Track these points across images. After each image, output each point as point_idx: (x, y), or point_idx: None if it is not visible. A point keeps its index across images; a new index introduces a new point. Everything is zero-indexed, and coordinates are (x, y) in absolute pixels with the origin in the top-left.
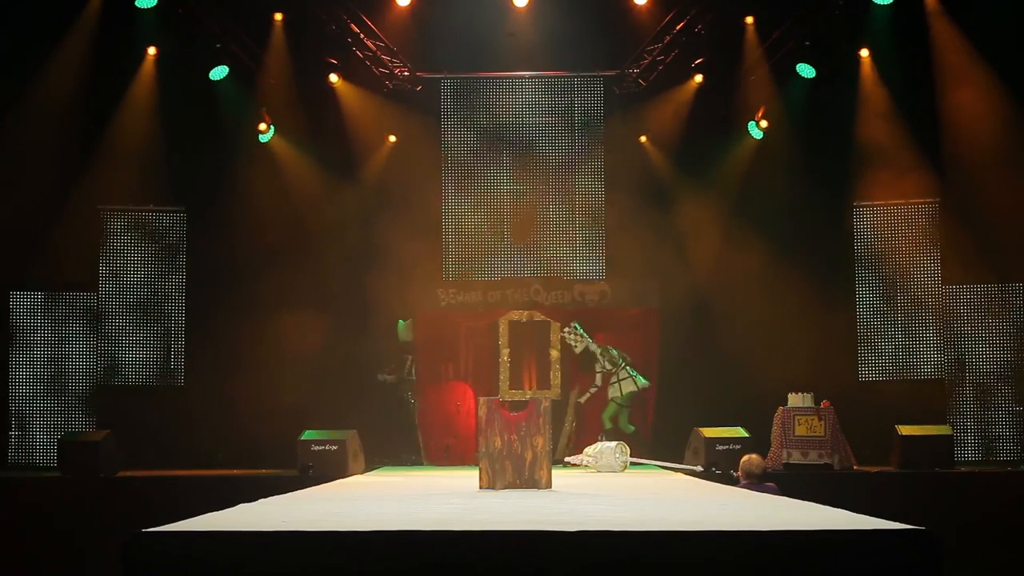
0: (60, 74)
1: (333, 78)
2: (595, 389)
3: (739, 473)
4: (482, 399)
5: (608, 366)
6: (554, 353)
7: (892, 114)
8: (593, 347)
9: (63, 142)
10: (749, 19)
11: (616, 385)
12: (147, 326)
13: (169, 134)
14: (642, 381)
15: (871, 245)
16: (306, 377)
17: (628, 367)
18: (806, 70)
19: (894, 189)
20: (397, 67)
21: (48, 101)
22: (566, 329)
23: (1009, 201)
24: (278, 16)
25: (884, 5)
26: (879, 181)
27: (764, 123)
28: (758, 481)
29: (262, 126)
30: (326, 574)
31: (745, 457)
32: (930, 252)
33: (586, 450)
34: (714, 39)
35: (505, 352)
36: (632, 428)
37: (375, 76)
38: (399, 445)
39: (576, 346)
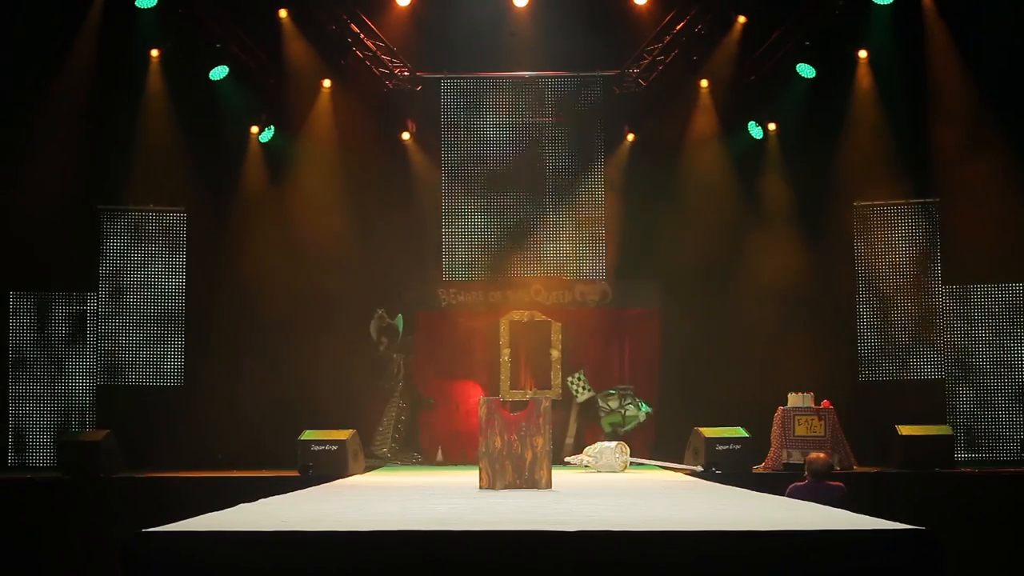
0: (61, 75)
1: (328, 81)
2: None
3: (804, 470)
4: (482, 399)
5: (611, 407)
6: (555, 353)
7: (891, 114)
8: (594, 396)
9: (64, 142)
10: (745, 19)
11: (622, 407)
12: (147, 326)
13: (169, 134)
14: (645, 409)
15: (871, 245)
16: (306, 377)
17: (631, 396)
18: (806, 70)
19: (894, 189)
20: (397, 67)
21: (48, 102)
22: (571, 377)
23: (1007, 201)
24: (283, 12)
25: (884, 5)
26: (879, 181)
27: (772, 125)
28: (824, 480)
29: (257, 127)
30: (326, 574)
31: (812, 455)
32: (930, 252)
33: (586, 450)
34: (714, 39)
35: (506, 352)
36: (609, 431)
37: (375, 76)
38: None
39: (579, 396)
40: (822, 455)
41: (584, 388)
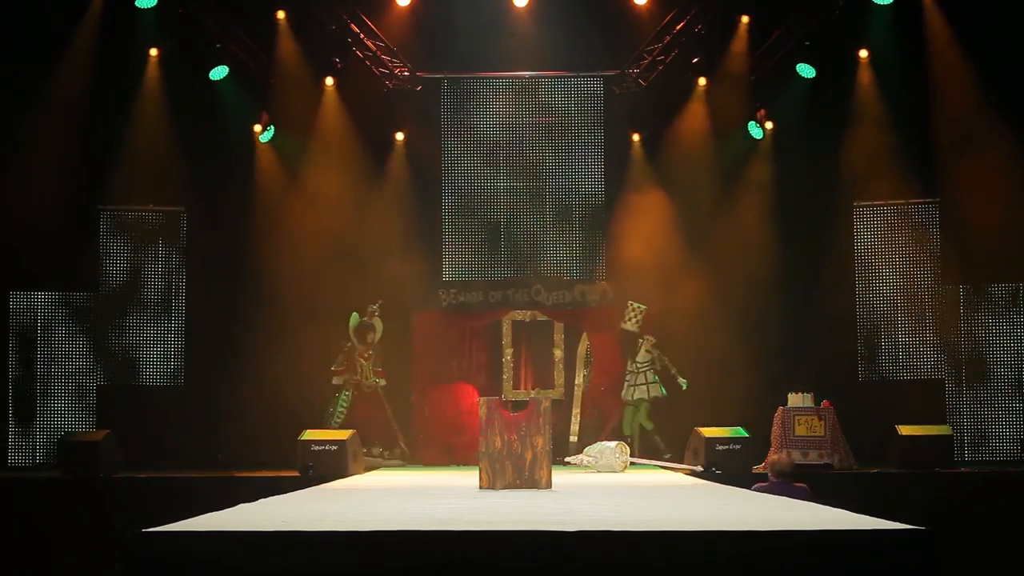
0: (61, 75)
1: (328, 81)
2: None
3: (767, 469)
4: (482, 399)
5: (638, 364)
6: (557, 353)
7: (891, 114)
8: (637, 336)
9: (63, 142)
10: (745, 18)
11: (643, 387)
12: (147, 326)
13: (169, 134)
14: (662, 391)
15: (871, 245)
16: (306, 377)
17: (654, 374)
18: (806, 70)
19: (894, 189)
20: (397, 67)
21: (48, 102)
22: (635, 304)
23: (1007, 201)
24: (281, 14)
25: (884, 5)
26: (879, 181)
27: (769, 124)
28: (789, 480)
29: (259, 127)
30: (326, 574)
31: (775, 456)
32: (930, 252)
33: (586, 450)
34: (714, 39)
35: (508, 352)
36: (651, 425)
37: (375, 76)
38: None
39: (628, 324)
40: (785, 455)
41: (636, 322)
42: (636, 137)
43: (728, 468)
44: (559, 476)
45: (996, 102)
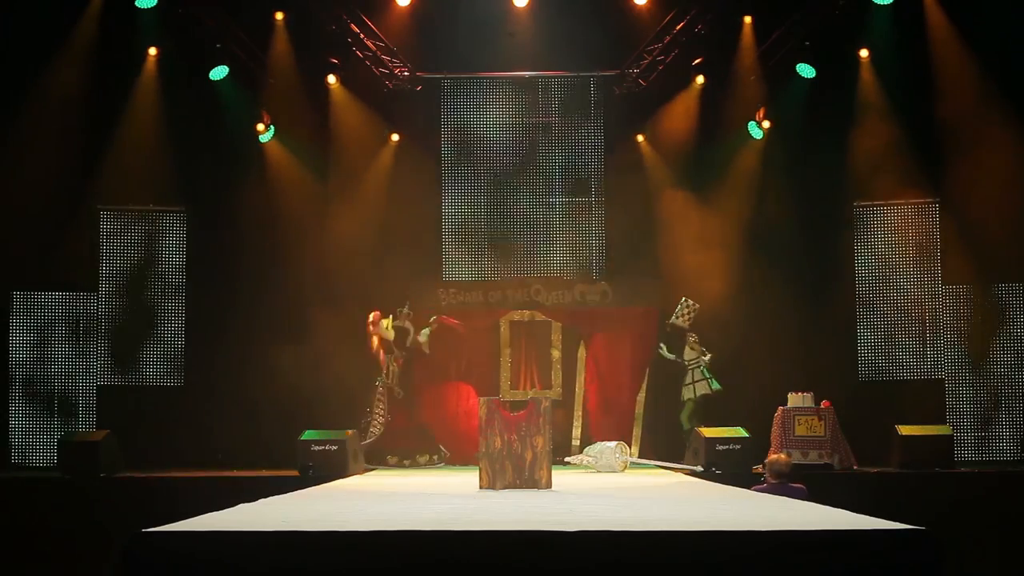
0: (60, 74)
1: (331, 79)
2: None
3: (765, 471)
4: (482, 399)
5: (683, 358)
6: (555, 353)
7: (892, 114)
8: (686, 332)
9: (63, 142)
10: (747, 18)
11: (689, 387)
12: (147, 326)
13: (169, 134)
14: (711, 387)
15: (871, 245)
16: (306, 377)
17: (704, 370)
18: (806, 70)
19: (894, 189)
20: (397, 67)
21: (48, 101)
22: (688, 301)
23: (1008, 201)
24: (279, 15)
25: (884, 5)
26: (879, 181)
27: (766, 123)
28: (786, 481)
29: (261, 126)
30: (326, 574)
31: (773, 456)
32: (930, 252)
33: (586, 450)
34: (714, 39)
35: (506, 352)
36: (688, 425)
37: (375, 76)
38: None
39: (678, 319)
40: (783, 456)
41: (687, 318)
42: (637, 137)
43: (728, 468)
44: (559, 476)
45: (997, 101)
